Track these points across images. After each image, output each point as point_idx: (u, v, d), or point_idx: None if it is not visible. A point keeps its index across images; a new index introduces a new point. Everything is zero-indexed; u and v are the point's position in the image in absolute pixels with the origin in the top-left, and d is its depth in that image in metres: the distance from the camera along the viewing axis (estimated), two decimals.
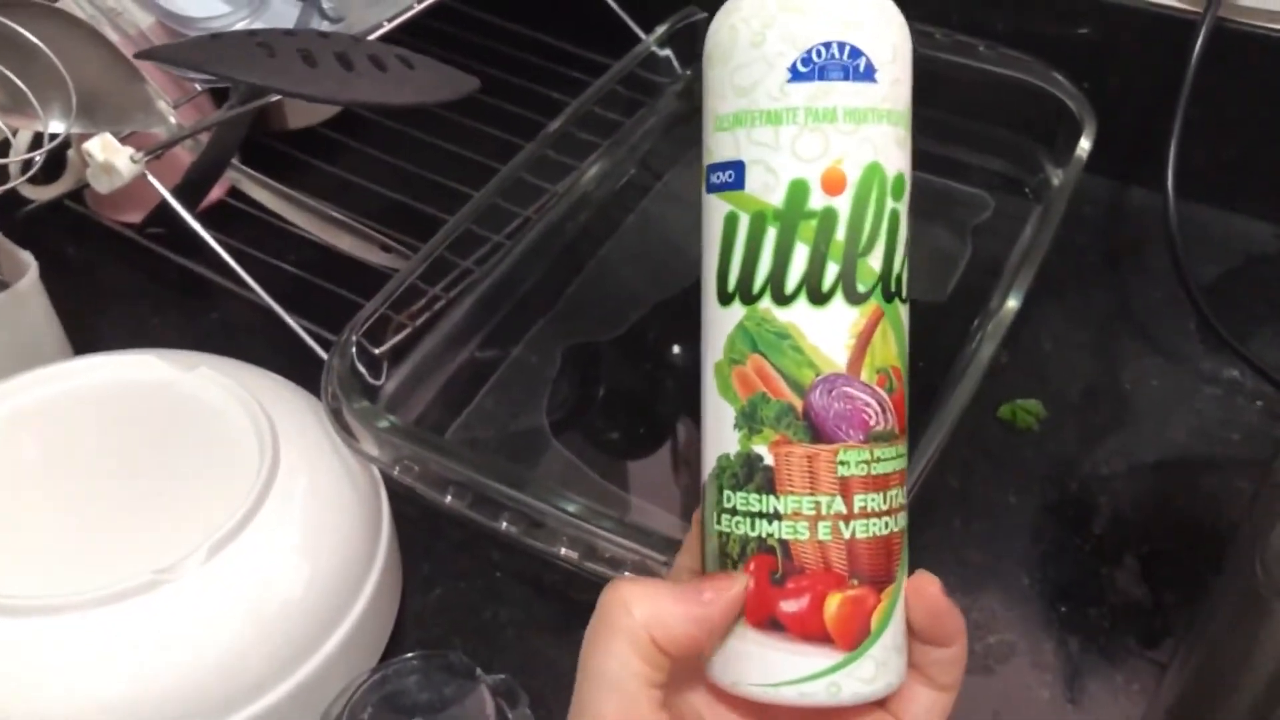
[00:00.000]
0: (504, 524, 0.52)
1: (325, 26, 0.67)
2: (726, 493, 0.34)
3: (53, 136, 0.61)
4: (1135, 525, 0.62)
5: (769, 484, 0.33)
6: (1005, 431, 0.66)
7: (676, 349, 0.71)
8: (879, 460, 0.33)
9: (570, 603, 0.58)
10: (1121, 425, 0.67)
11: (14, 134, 0.65)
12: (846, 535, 0.33)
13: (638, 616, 0.32)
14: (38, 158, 0.61)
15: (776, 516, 0.33)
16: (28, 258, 0.62)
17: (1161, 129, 0.70)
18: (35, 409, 0.53)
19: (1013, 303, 0.60)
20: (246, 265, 0.63)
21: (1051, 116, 0.74)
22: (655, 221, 0.79)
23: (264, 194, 0.74)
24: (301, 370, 0.60)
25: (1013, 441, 0.66)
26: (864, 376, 0.33)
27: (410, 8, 0.65)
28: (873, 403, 0.33)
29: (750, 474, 0.33)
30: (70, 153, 0.74)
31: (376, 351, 0.61)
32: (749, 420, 0.33)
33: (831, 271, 0.33)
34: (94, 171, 0.61)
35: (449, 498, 0.53)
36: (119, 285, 0.76)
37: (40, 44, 0.58)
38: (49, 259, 0.64)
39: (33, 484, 0.51)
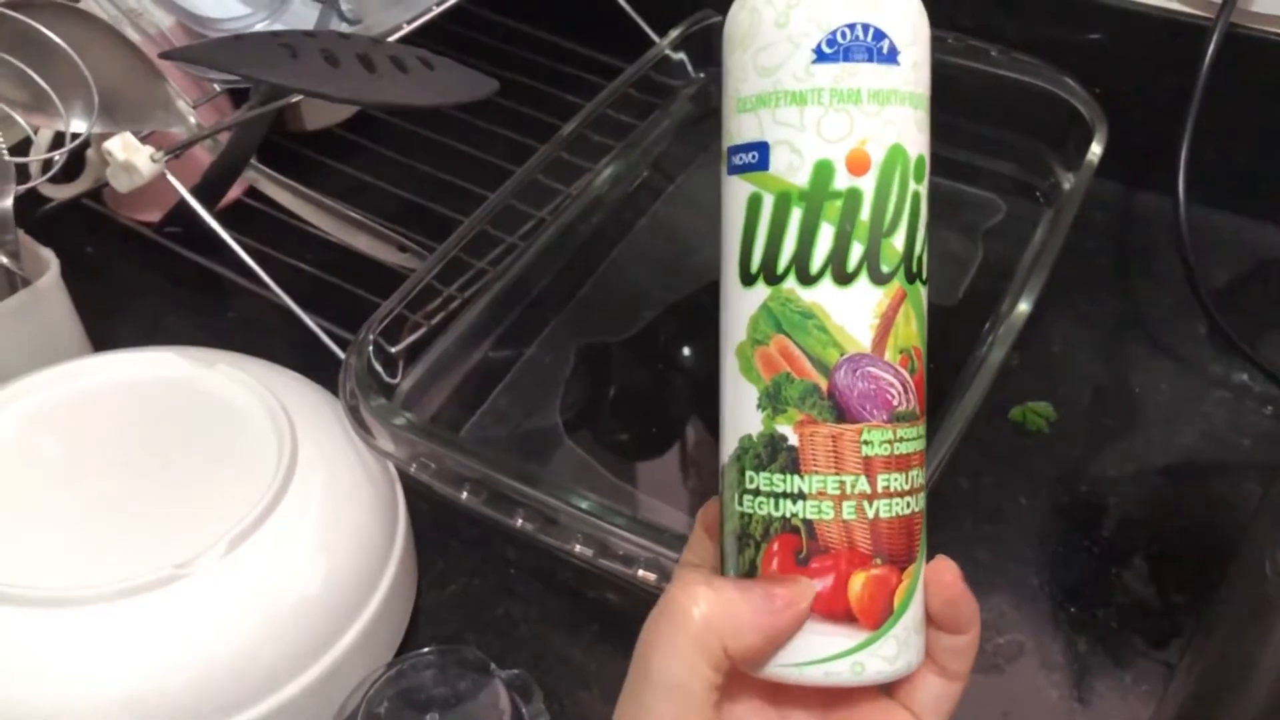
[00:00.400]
0: (519, 521, 0.52)
1: (344, 28, 0.67)
2: (749, 473, 0.34)
3: (74, 136, 0.61)
4: (1144, 527, 0.62)
5: (793, 464, 0.33)
6: (1015, 434, 0.66)
7: (688, 349, 0.71)
8: (901, 440, 0.34)
9: (583, 599, 0.59)
10: (1131, 428, 0.67)
11: (35, 133, 0.65)
12: (870, 515, 0.33)
13: (710, 621, 0.32)
14: (58, 157, 0.62)
15: (801, 496, 0.33)
16: (49, 255, 0.63)
17: (1173, 133, 0.71)
18: (56, 405, 0.54)
19: (1024, 306, 0.60)
20: (264, 264, 0.64)
21: (1063, 120, 0.75)
22: (668, 223, 0.80)
23: (282, 194, 0.75)
24: (318, 369, 0.61)
25: (1023, 444, 0.66)
26: (887, 356, 0.33)
27: (429, 10, 0.66)
28: (896, 382, 0.33)
29: (774, 454, 0.34)
30: (90, 152, 0.74)
31: (393, 350, 0.61)
32: (773, 400, 0.34)
33: (856, 252, 0.33)
34: (114, 170, 0.62)
35: (464, 494, 0.53)
36: (137, 284, 0.76)
37: (62, 43, 0.59)
38: (68, 257, 0.64)
39: (53, 479, 0.51)
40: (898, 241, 0.34)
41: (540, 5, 0.93)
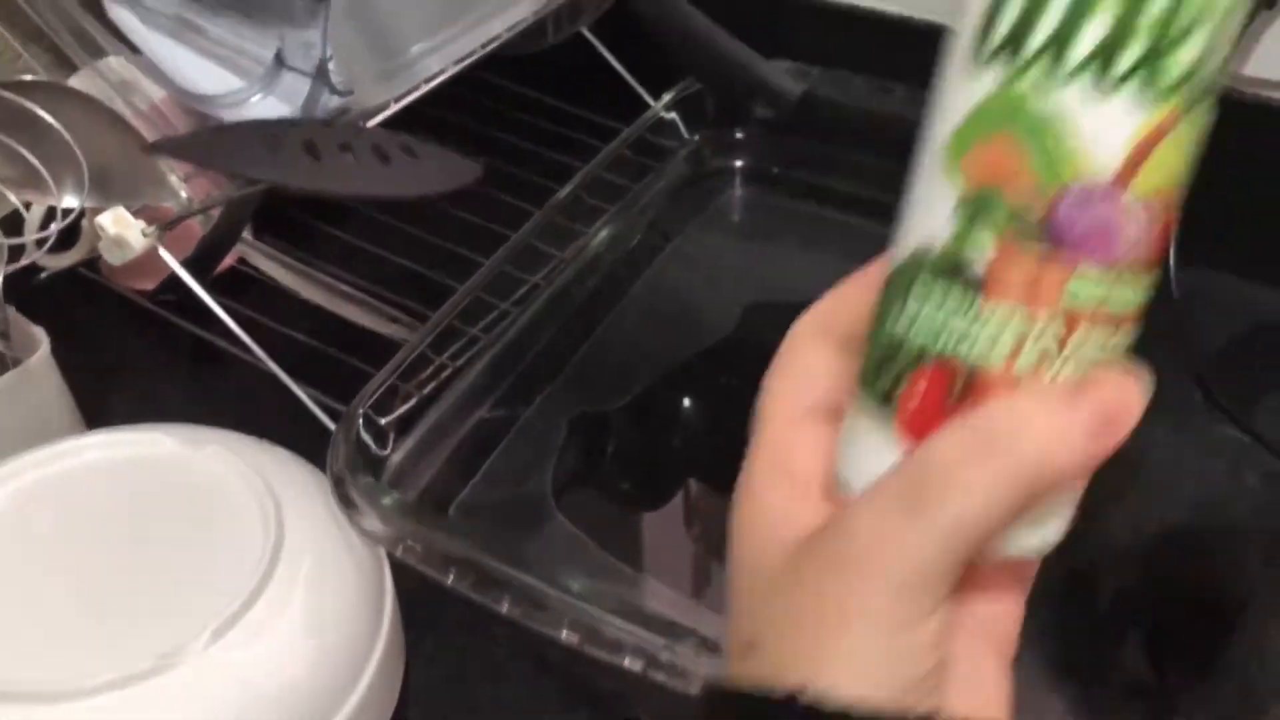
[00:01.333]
0: (505, 605, 0.52)
1: (335, 101, 0.68)
2: (917, 288, 0.28)
3: (66, 211, 0.62)
4: (1140, 599, 0.61)
5: (976, 291, 0.27)
6: None
7: (686, 414, 0.71)
8: (1114, 298, 0.27)
9: (575, 679, 0.58)
10: (1125, 496, 0.66)
11: (27, 208, 0.66)
12: (1050, 374, 0.27)
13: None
14: (51, 234, 0.62)
15: (975, 331, 0.27)
16: (39, 333, 0.63)
17: None
18: (42, 488, 0.54)
19: None
20: (257, 333, 0.64)
21: None
22: (664, 285, 0.79)
23: (273, 266, 0.75)
24: (311, 439, 0.60)
25: None
26: (1132, 193, 0.26)
27: (417, 87, 0.66)
28: (1131, 226, 0.27)
29: (955, 274, 0.27)
30: (84, 222, 0.75)
31: (383, 422, 0.61)
32: (973, 212, 0.27)
33: (1133, 51, 0.25)
34: (106, 244, 0.62)
35: (451, 579, 0.53)
36: (131, 353, 0.76)
37: (54, 122, 0.59)
38: (61, 326, 0.64)
39: (36, 566, 0.51)
40: (1189, 51, 0.25)
41: (534, 67, 0.93)
